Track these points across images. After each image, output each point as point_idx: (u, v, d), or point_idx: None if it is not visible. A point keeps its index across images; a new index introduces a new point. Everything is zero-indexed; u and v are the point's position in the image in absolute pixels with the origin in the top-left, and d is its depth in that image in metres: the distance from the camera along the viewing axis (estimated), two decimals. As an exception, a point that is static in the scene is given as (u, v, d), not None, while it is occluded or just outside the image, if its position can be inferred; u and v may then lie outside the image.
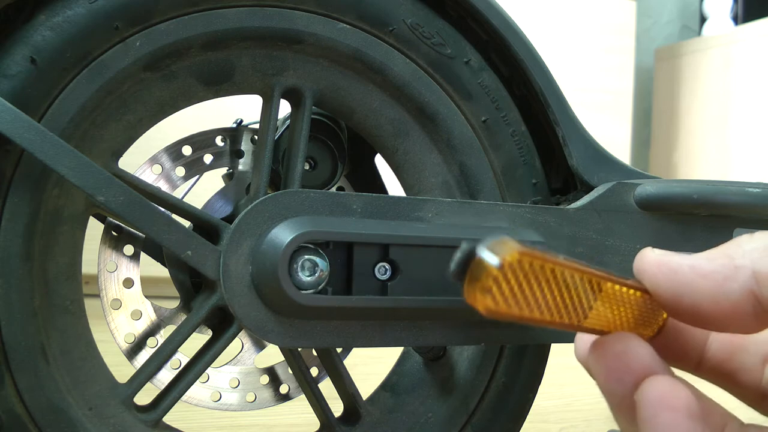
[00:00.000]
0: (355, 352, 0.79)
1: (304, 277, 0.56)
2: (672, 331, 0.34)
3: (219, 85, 0.65)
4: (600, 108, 2.94)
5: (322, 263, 0.57)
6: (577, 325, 0.30)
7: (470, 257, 0.27)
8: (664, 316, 0.33)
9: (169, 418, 0.64)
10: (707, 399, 0.33)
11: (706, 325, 0.31)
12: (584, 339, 0.34)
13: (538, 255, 0.27)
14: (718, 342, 0.35)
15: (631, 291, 0.31)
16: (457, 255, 0.27)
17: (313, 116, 0.71)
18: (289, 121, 0.70)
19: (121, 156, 0.63)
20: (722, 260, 0.30)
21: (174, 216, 0.61)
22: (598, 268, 0.30)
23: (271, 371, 0.75)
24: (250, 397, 0.74)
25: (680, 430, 0.28)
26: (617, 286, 0.31)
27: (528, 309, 0.28)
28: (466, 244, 0.27)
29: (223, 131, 0.72)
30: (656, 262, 0.31)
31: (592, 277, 0.30)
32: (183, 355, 0.68)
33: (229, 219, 0.62)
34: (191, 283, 0.69)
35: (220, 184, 0.73)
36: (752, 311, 0.29)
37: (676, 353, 0.34)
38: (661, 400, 0.29)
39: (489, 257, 0.26)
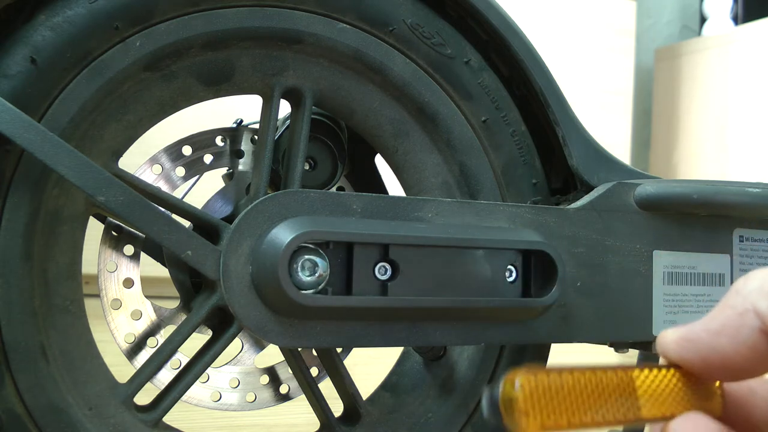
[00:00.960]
0: (355, 352, 0.79)
1: (304, 277, 0.56)
2: (734, 406, 0.36)
3: (219, 85, 0.65)
4: (600, 108, 2.94)
5: (322, 263, 0.57)
6: (636, 418, 0.32)
7: (494, 401, 0.30)
8: (718, 386, 0.35)
9: (169, 418, 0.64)
10: None
11: (743, 376, 0.33)
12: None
13: (542, 369, 0.30)
14: None
15: (663, 371, 0.33)
16: (483, 407, 0.30)
17: (313, 116, 0.71)
18: (289, 121, 0.70)
19: (121, 156, 0.63)
20: (727, 312, 0.32)
21: (174, 216, 0.61)
22: (620, 364, 0.33)
23: (271, 371, 0.75)
24: (250, 397, 0.74)
25: None
26: (646, 371, 0.33)
27: (577, 418, 0.30)
28: (485, 393, 0.30)
29: (223, 131, 0.72)
30: (675, 340, 0.33)
31: (615, 371, 0.32)
32: (183, 355, 0.68)
33: (229, 219, 0.62)
34: (191, 283, 0.69)
35: (220, 184, 0.73)
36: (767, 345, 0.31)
37: (743, 427, 0.35)
38: None
39: (506, 393, 0.29)
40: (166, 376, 0.67)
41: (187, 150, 0.70)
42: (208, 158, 0.71)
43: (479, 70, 0.71)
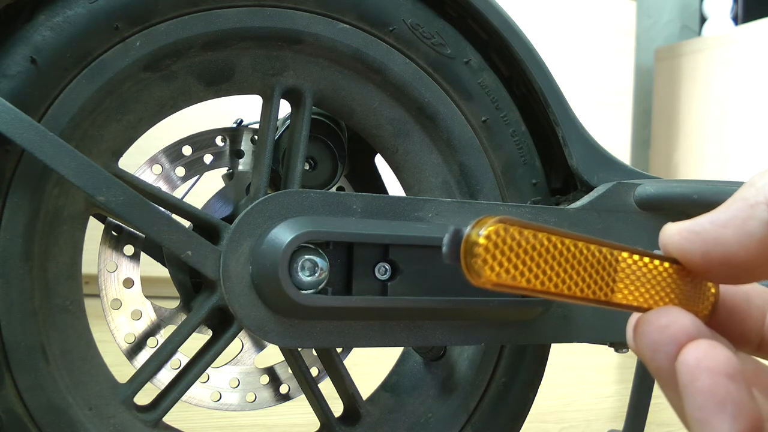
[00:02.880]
0: (355, 352, 0.79)
1: (304, 277, 0.56)
2: (727, 313, 0.34)
3: (219, 85, 0.65)
4: (600, 108, 2.94)
5: (322, 263, 0.57)
6: (605, 300, 0.30)
7: (458, 236, 0.28)
8: (713, 290, 0.33)
9: (169, 418, 0.64)
10: (758, 363, 0.32)
11: (743, 276, 0.30)
12: (633, 325, 0.34)
13: (521, 222, 0.28)
14: None
15: (657, 262, 0.31)
16: (445, 237, 0.28)
17: (313, 116, 0.71)
18: (289, 121, 0.70)
19: (121, 156, 0.63)
20: (737, 204, 0.29)
21: (174, 216, 0.61)
22: (610, 241, 0.30)
23: (271, 371, 0.75)
24: (250, 397, 0.74)
25: (720, 392, 0.27)
26: (636, 256, 0.30)
27: (538, 281, 0.28)
28: (451, 229, 0.28)
29: (223, 131, 0.72)
30: (677, 230, 0.31)
31: (601, 246, 0.30)
32: (183, 355, 0.68)
33: (229, 219, 0.62)
34: (191, 283, 0.69)
35: (220, 184, 0.73)
36: None
37: (734, 335, 0.34)
38: (699, 363, 0.28)
39: (473, 231, 0.27)
40: (166, 376, 0.67)
41: (187, 150, 0.70)
42: (208, 158, 0.71)
43: (479, 70, 0.71)
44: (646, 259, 0.31)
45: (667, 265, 0.31)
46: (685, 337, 0.29)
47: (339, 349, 0.74)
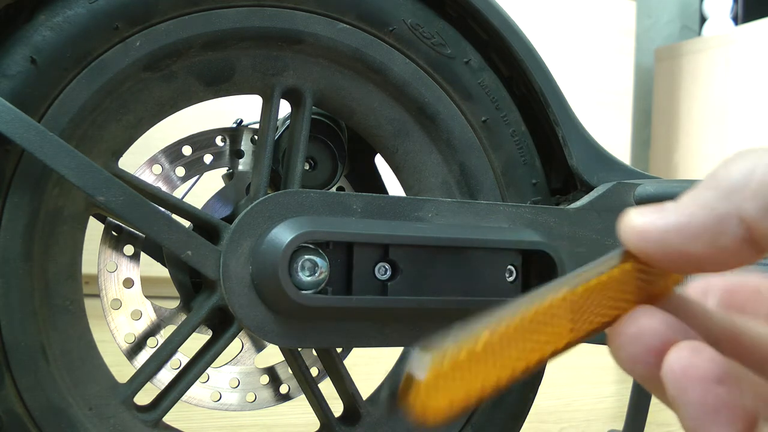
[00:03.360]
0: (355, 352, 0.79)
1: (304, 277, 0.56)
2: (734, 308, 0.32)
3: (219, 85, 0.65)
4: (600, 108, 2.94)
5: (322, 263, 0.57)
6: (566, 343, 0.29)
7: (396, 397, 0.27)
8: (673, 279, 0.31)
9: (169, 418, 0.64)
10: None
11: (701, 271, 0.29)
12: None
13: (448, 345, 0.28)
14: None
15: (610, 273, 0.29)
16: (384, 393, 0.28)
17: (313, 116, 0.71)
18: (289, 121, 0.70)
19: (121, 156, 0.63)
20: (704, 212, 0.27)
21: (174, 216, 0.61)
22: (558, 284, 0.29)
23: (271, 371, 0.75)
24: (250, 397, 0.74)
25: (711, 400, 0.26)
26: (584, 285, 0.29)
27: (489, 384, 0.28)
28: (387, 385, 0.28)
29: (223, 131, 0.72)
30: (640, 232, 0.28)
31: (543, 302, 0.29)
32: (183, 355, 0.68)
33: (229, 219, 0.62)
34: (191, 283, 0.69)
35: (220, 184, 0.73)
36: (749, 250, 0.27)
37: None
38: (685, 373, 0.26)
39: (416, 371, 0.27)
40: (166, 376, 0.67)
41: (187, 150, 0.70)
42: (208, 158, 0.71)
43: (479, 70, 0.71)
44: (602, 277, 0.29)
45: (623, 266, 0.29)
46: (659, 342, 0.28)
47: (339, 349, 0.74)
